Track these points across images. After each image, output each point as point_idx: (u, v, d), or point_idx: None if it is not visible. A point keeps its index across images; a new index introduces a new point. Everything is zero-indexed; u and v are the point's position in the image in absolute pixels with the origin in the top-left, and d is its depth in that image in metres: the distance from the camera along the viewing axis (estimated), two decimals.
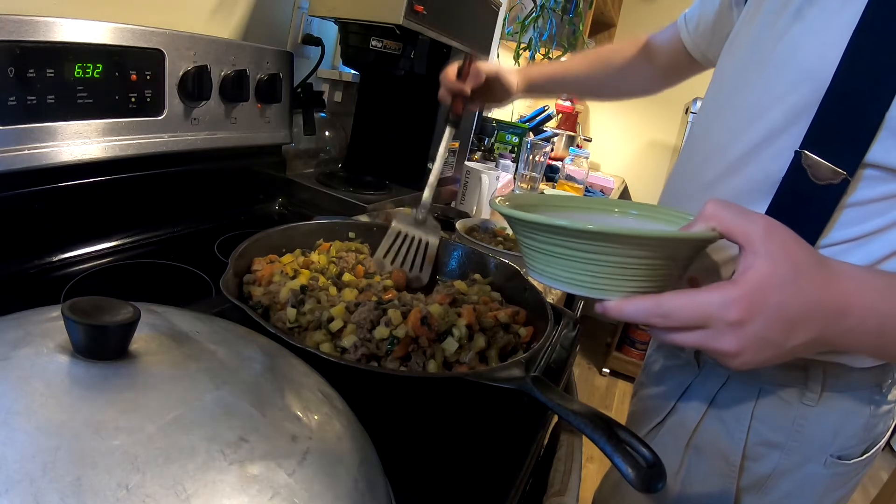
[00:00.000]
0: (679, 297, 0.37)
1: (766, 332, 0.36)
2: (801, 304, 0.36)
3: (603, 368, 2.78)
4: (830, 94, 0.46)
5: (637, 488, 0.36)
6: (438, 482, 0.44)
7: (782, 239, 0.37)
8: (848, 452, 0.56)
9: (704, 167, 0.58)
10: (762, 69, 0.53)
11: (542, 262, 0.43)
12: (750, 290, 0.36)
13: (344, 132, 1.28)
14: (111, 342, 0.24)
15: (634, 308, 0.38)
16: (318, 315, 0.52)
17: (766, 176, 0.51)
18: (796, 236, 0.38)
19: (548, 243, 0.41)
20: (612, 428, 0.38)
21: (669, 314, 0.37)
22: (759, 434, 0.58)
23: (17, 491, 0.18)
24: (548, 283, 0.43)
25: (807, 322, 0.37)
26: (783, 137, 0.50)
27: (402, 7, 0.88)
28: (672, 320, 0.37)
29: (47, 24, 0.60)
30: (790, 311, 0.36)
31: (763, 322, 0.36)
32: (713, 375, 0.61)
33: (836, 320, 0.38)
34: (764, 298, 0.36)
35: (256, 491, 0.21)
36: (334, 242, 0.67)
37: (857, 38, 0.44)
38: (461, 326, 0.53)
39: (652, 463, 0.36)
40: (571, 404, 0.42)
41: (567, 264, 0.41)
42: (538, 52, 2.18)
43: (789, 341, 0.37)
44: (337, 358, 0.46)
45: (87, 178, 0.70)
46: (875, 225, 0.48)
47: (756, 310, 0.36)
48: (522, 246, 0.45)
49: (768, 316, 0.36)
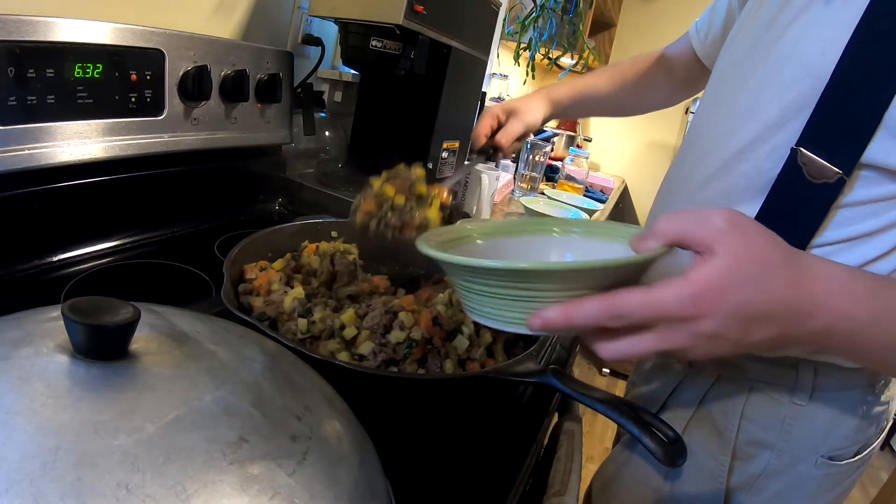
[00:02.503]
0: (633, 294, 0.34)
1: (722, 330, 0.34)
2: (763, 302, 0.35)
3: (603, 368, 2.78)
4: (829, 91, 0.46)
5: (664, 463, 0.39)
6: (438, 482, 0.44)
7: (745, 234, 0.35)
8: (839, 453, 0.56)
9: (700, 164, 0.58)
10: (761, 65, 0.53)
11: (481, 303, 0.38)
12: (706, 287, 0.34)
13: (344, 132, 1.28)
14: (111, 342, 0.24)
15: (585, 313, 0.34)
16: (329, 324, 0.52)
17: (761, 173, 0.51)
18: (763, 230, 0.36)
19: (483, 284, 0.37)
20: (636, 412, 0.42)
21: (625, 315, 0.34)
22: (749, 433, 0.58)
23: (17, 491, 0.18)
24: (492, 325, 0.39)
25: (768, 321, 0.35)
26: (779, 134, 0.49)
27: (402, 7, 0.88)
28: (628, 320, 0.35)
29: (47, 24, 0.60)
30: (750, 310, 0.34)
31: (719, 320, 0.34)
32: (703, 374, 0.61)
33: (800, 321, 0.36)
34: (722, 296, 0.34)
35: (256, 491, 0.21)
36: (321, 244, 0.67)
37: (858, 35, 0.44)
38: (469, 323, 0.53)
39: (674, 440, 0.40)
40: (595, 392, 0.44)
41: (508, 304, 0.37)
42: (538, 52, 2.18)
43: (748, 338, 0.35)
44: (359, 367, 0.46)
45: (87, 178, 0.70)
46: (869, 226, 0.48)
47: (712, 307, 0.34)
48: (457, 287, 0.41)
49: (726, 314, 0.34)
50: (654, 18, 2.96)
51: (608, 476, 0.72)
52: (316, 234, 0.69)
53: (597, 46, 2.72)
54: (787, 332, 0.36)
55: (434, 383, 0.48)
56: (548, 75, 3.14)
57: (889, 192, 0.46)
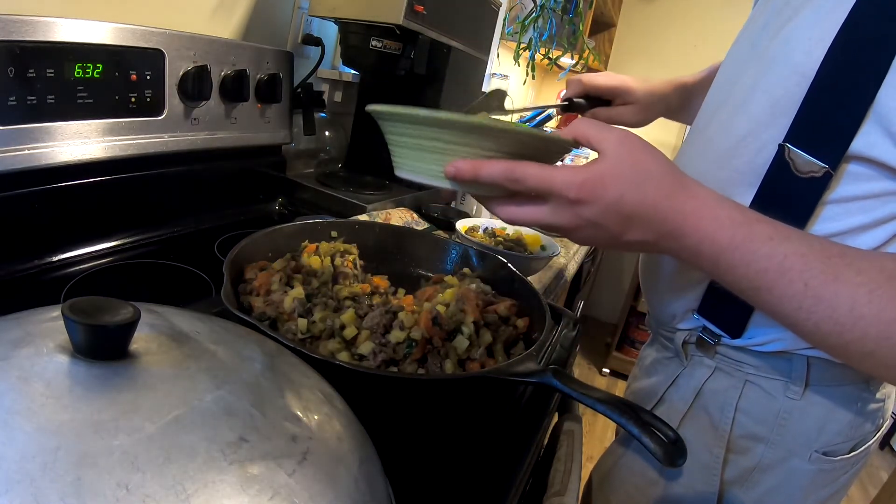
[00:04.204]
0: (531, 166, 0.41)
1: (600, 219, 0.41)
2: (639, 203, 0.40)
3: (603, 368, 2.78)
4: (814, 89, 0.47)
5: (664, 463, 0.40)
6: (438, 482, 0.44)
7: (633, 147, 0.42)
8: (834, 449, 0.57)
9: (697, 160, 0.59)
10: (755, 64, 0.54)
11: (403, 155, 0.44)
12: (591, 177, 0.40)
13: (344, 132, 1.28)
14: (111, 342, 0.24)
15: (490, 169, 0.40)
16: (329, 324, 0.52)
17: (752, 169, 0.52)
18: (653, 149, 0.42)
19: (407, 135, 0.43)
20: (636, 412, 0.42)
21: (520, 179, 0.40)
22: (743, 427, 0.58)
23: (17, 491, 0.18)
24: (408, 177, 0.45)
25: (642, 222, 0.41)
26: (769, 131, 0.51)
27: (402, 7, 0.88)
28: (521, 185, 0.41)
29: (47, 24, 0.60)
30: (626, 207, 0.40)
31: (598, 209, 0.40)
32: (700, 367, 0.62)
33: (671, 234, 0.41)
34: (603, 187, 0.40)
35: (256, 491, 0.21)
36: (320, 244, 0.67)
37: (842, 34, 0.45)
38: (469, 323, 0.53)
39: (674, 440, 0.41)
40: (595, 393, 0.45)
41: (428, 157, 0.42)
42: (538, 52, 2.18)
43: (624, 235, 0.41)
44: (359, 367, 0.46)
45: (87, 178, 0.70)
46: (859, 221, 0.49)
47: (594, 195, 0.40)
48: (389, 143, 0.46)
49: (605, 204, 0.40)
50: (655, 18, 2.96)
51: (606, 470, 0.73)
52: (316, 234, 0.69)
53: (597, 46, 2.72)
54: (661, 242, 0.42)
55: (434, 383, 0.48)
56: (548, 75, 3.14)
57: (879, 189, 0.47)
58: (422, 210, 1.11)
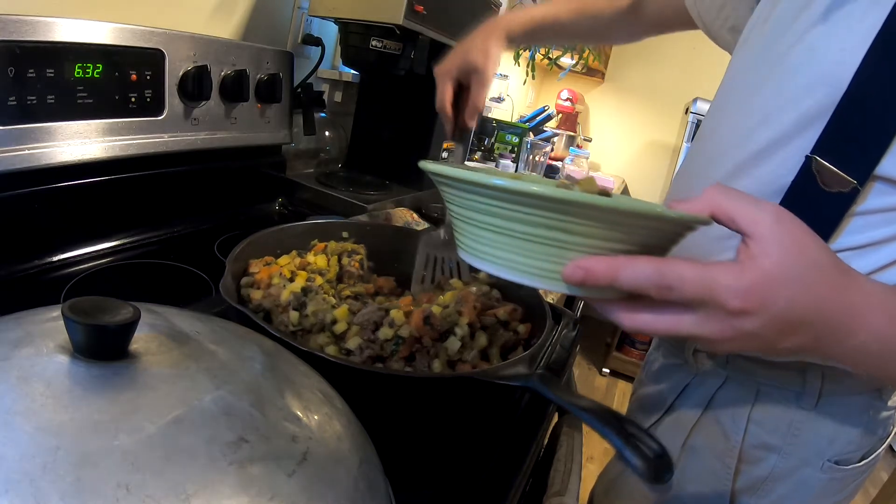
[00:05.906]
0: (686, 266, 0.30)
1: (760, 330, 0.31)
2: (810, 306, 0.32)
3: (603, 368, 2.78)
4: (846, 101, 0.45)
5: (647, 480, 0.34)
6: (438, 482, 0.44)
7: (793, 229, 0.32)
8: (846, 458, 0.56)
9: (711, 167, 0.57)
10: (775, 70, 0.52)
11: (484, 240, 0.33)
12: (758, 280, 0.30)
13: (344, 132, 1.28)
14: (111, 342, 0.24)
15: (634, 271, 0.30)
16: (321, 318, 0.52)
17: (775, 179, 0.50)
18: (809, 230, 0.33)
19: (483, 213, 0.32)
20: (621, 422, 0.38)
21: (674, 286, 0.30)
22: (755, 437, 0.57)
23: (17, 491, 0.18)
24: (480, 266, 0.34)
25: (806, 327, 0.32)
26: (795, 141, 0.49)
27: (402, 7, 0.88)
28: (674, 294, 0.31)
29: (47, 24, 0.60)
30: (794, 314, 0.31)
31: (763, 320, 0.31)
32: (711, 376, 0.61)
33: (834, 334, 0.33)
34: (772, 293, 0.30)
35: (256, 491, 0.21)
36: (329, 243, 0.67)
37: (877, 45, 0.43)
38: (463, 325, 0.53)
39: (660, 454, 0.36)
40: (580, 400, 0.42)
41: (530, 248, 0.32)
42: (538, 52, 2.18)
43: (780, 343, 0.33)
44: (343, 360, 0.46)
45: (87, 178, 0.70)
46: (882, 234, 0.47)
47: (762, 305, 0.30)
48: (453, 217, 0.35)
49: (772, 315, 0.31)
50: None
51: (611, 479, 0.72)
52: (325, 234, 0.69)
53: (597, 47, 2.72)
54: (819, 346, 0.34)
55: (417, 381, 0.48)
56: (548, 75, 3.15)
57: None
58: (422, 210, 1.11)
